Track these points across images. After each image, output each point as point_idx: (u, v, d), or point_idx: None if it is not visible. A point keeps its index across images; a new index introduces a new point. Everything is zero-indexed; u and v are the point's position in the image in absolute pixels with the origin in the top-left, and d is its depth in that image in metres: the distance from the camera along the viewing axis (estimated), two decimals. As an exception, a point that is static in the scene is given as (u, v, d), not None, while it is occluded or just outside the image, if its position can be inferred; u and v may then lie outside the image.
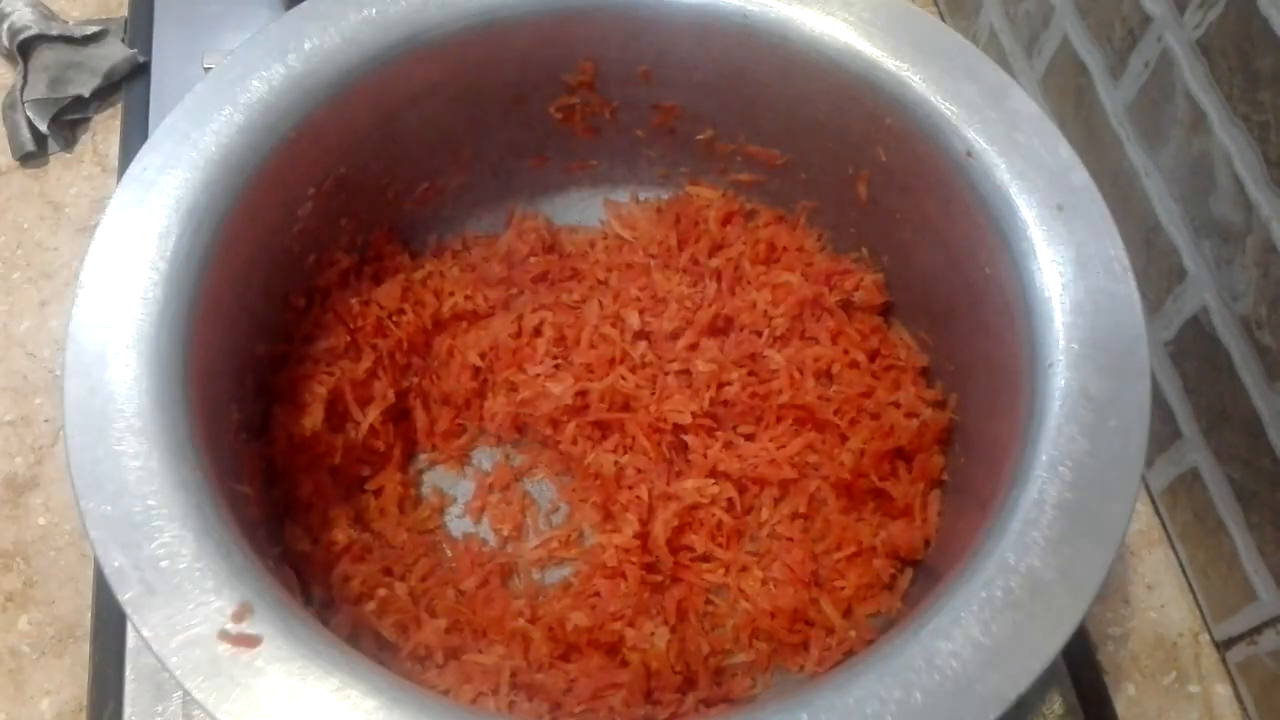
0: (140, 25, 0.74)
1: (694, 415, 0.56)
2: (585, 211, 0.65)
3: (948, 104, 0.50)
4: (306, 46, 0.51)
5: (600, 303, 0.60)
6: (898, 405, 0.56)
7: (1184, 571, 0.58)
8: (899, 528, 0.53)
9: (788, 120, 0.57)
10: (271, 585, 0.40)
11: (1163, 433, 0.58)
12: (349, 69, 0.52)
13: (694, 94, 0.59)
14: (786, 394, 0.56)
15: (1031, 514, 0.41)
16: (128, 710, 0.50)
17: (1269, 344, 0.49)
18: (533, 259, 0.62)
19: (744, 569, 0.54)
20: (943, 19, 0.77)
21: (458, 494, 0.58)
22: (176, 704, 0.50)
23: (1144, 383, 0.43)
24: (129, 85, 0.72)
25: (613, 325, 0.59)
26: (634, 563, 0.53)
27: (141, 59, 0.72)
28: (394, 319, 0.58)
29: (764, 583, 0.54)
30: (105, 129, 0.71)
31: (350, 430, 0.55)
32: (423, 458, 0.59)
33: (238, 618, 0.38)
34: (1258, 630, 0.53)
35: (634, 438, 0.56)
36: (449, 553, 0.56)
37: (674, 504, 0.55)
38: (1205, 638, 0.56)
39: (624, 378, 0.57)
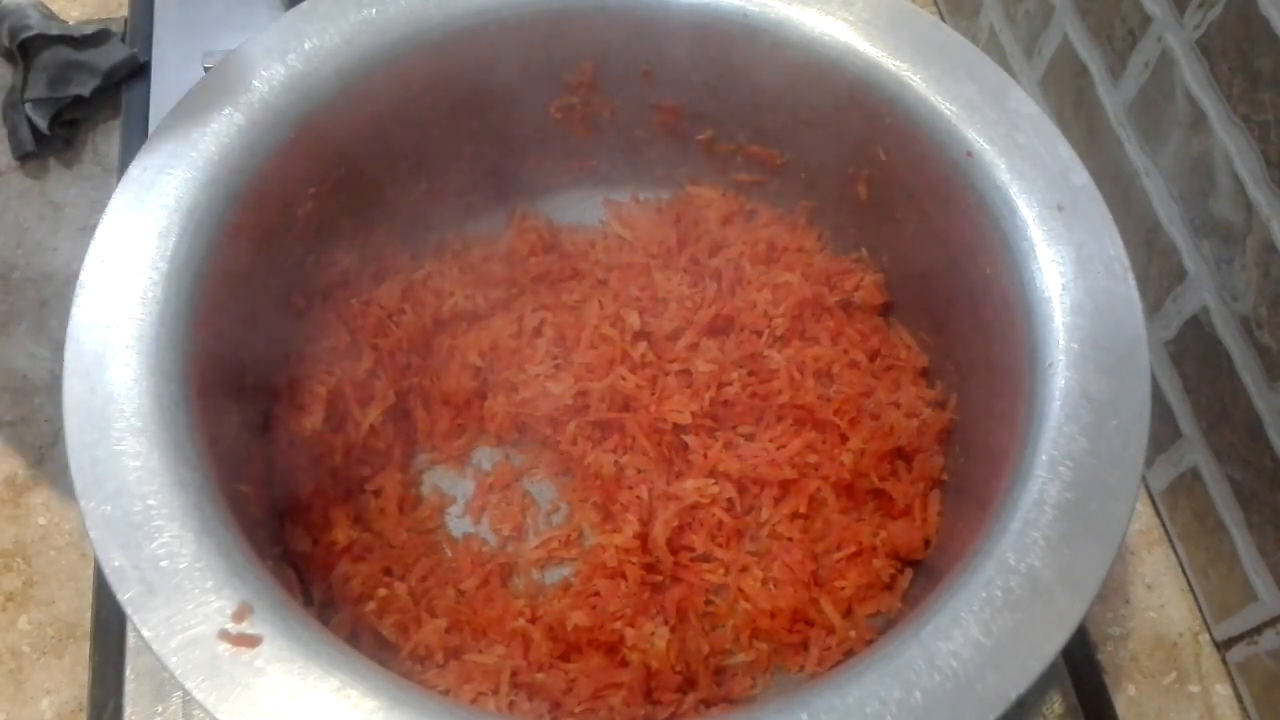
0: (140, 25, 0.74)
1: (694, 415, 0.56)
2: (585, 211, 0.65)
3: (948, 104, 0.50)
4: (306, 46, 0.51)
5: (600, 303, 0.60)
6: (898, 405, 0.55)
7: (1184, 571, 0.58)
8: (899, 528, 0.53)
9: (788, 120, 0.57)
10: (271, 585, 0.40)
11: (1163, 433, 0.58)
12: (349, 69, 0.52)
13: (694, 94, 0.59)
14: (786, 394, 0.56)
15: (1031, 514, 0.41)
16: (128, 710, 0.50)
17: (1269, 344, 0.49)
18: (533, 259, 0.62)
19: (744, 569, 0.54)
20: (943, 19, 0.77)
21: (458, 494, 0.58)
22: (176, 704, 0.50)
23: (1144, 383, 0.43)
24: (129, 85, 0.72)
25: (613, 325, 0.59)
26: (634, 563, 0.53)
27: (141, 59, 0.72)
28: (394, 319, 0.58)
29: (764, 583, 0.54)
30: (105, 129, 0.71)
31: (350, 430, 0.55)
32: (423, 458, 0.59)
33: (238, 618, 0.38)
34: (1258, 630, 0.53)
35: (634, 438, 0.56)
36: (449, 553, 0.56)
37: (674, 504, 0.55)
38: (1205, 638, 0.56)
39: (624, 378, 0.57)
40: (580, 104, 0.60)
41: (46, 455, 0.59)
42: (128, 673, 0.51)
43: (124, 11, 0.75)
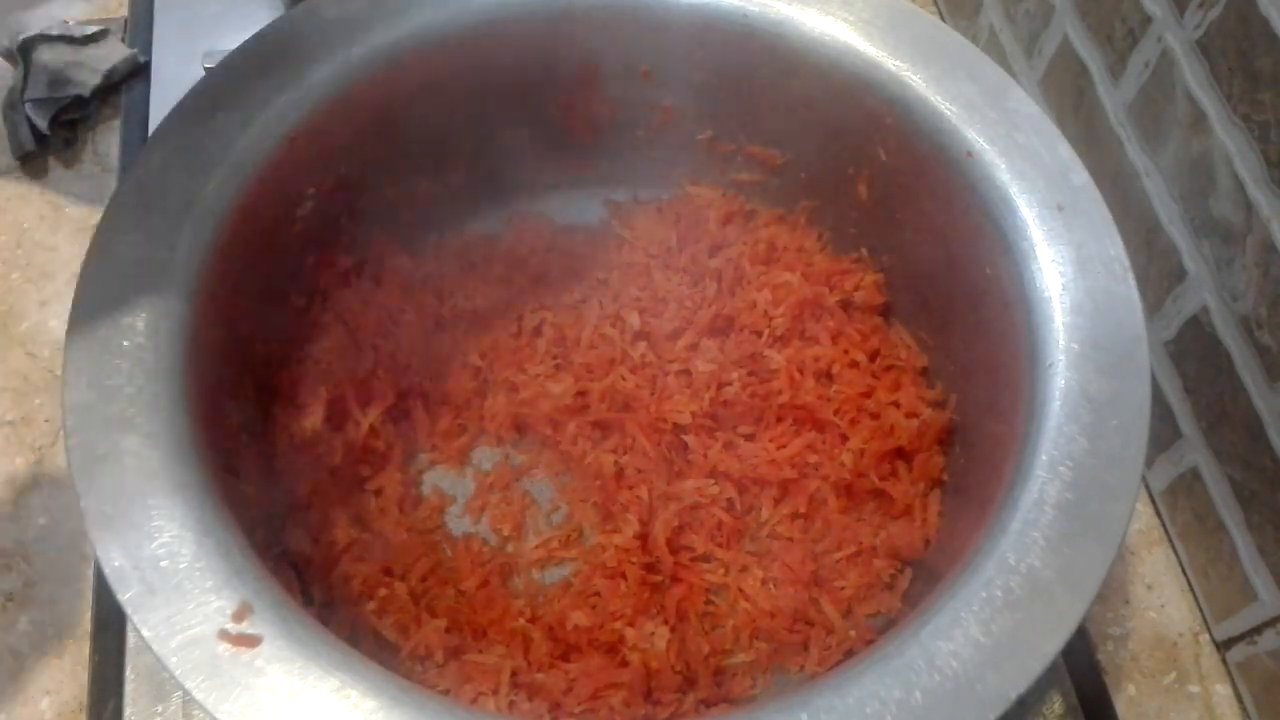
0: (140, 25, 0.74)
1: (694, 415, 0.56)
2: (585, 211, 0.65)
3: (948, 104, 0.50)
4: (306, 46, 0.51)
5: (600, 303, 0.60)
6: (898, 405, 0.56)
7: (1184, 571, 0.58)
8: (899, 528, 0.53)
9: (788, 120, 0.57)
10: (271, 585, 0.40)
11: (1163, 433, 0.58)
12: (349, 69, 0.52)
13: (694, 94, 0.59)
14: (786, 394, 0.56)
15: (1031, 514, 0.41)
16: (128, 710, 0.50)
17: (1269, 344, 0.49)
18: (533, 259, 0.62)
19: (744, 569, 0.54)
20: (943, 19, 0.77)
21: (458, 494, 0.58)
22: (176, 704, 0.50)
23: (1144, 383, 0.43)
24: (129, 85, 0.72)
25: (613, 325, 0.59)
26: (634, 563, 0.53)
27: (141, 59, 0.72)
28: (394, 319, 0.58)
29: (764, 583, 0.54)
30: (105, 129, 0.71)
31: (350, 430, 0.55)
32: (423, 458, 0.59)
33: (238, 618, 0.38)
34: (1258, 630, 0.53)
35: (634, 438, 0.56)
36: (449, 553, 0.56)
37: (674, 504, 0.55)
38: (1205, 638, 0.56)
39: (624, 378, 0.57)
40: (580, 104, 0.60)
41: (46, 455, 0.59)
42: (128, 673, 0.51)
43: (124, 11, 0.75)
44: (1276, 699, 0.52)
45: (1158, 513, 0.60)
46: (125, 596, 0.38)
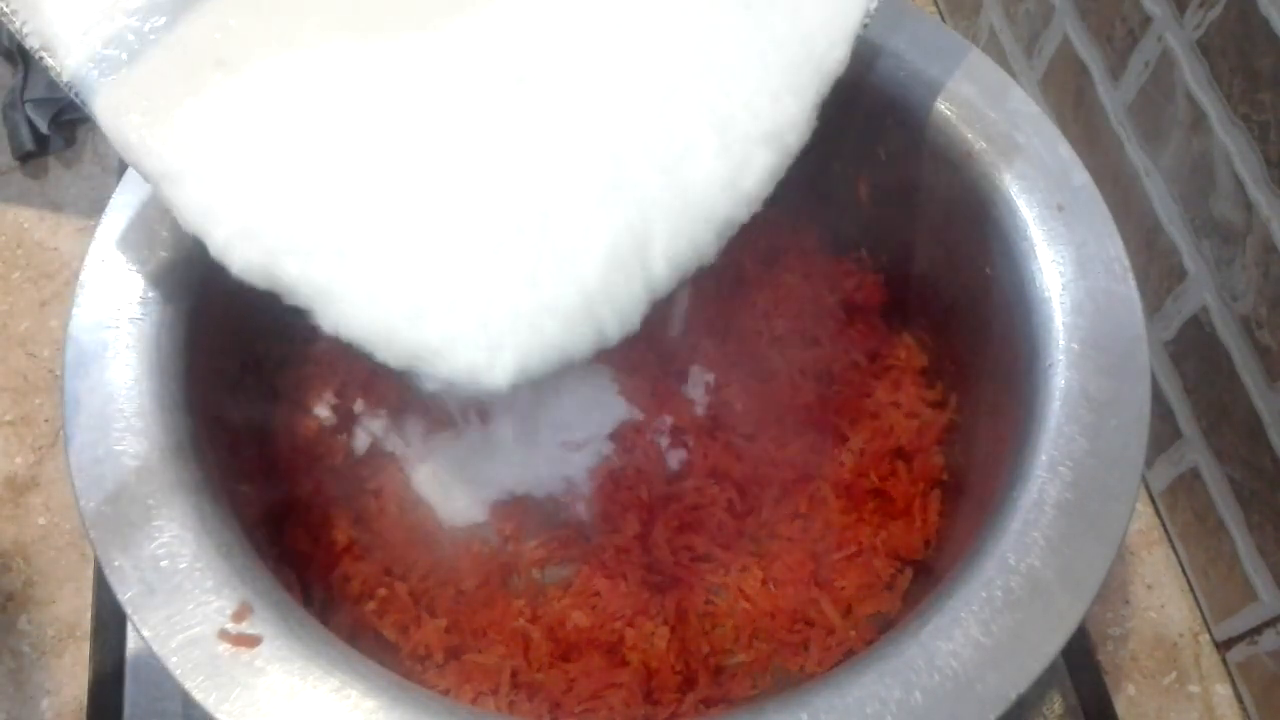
0: (140, 25, 0.74)
1: (694, 415, 0.56)
2: (585, 211, 0.65)
3: (948, 104, 0.50)
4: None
5: (600, 303, 0.60)
6: (898, 405, 0.55)
7: (1184, 571, 0.58)
8: (899, 528, 0.53)
9: (788, 120, 0.57)
10: (271, 585, 0.40)
11: (1163, 433, 0.58)
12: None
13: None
14: (786, 394, 0.56)
15: (1031, 514, 0.41)
16: (128, 710, 0.50)
17: (1269, 344, 0.49)
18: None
19: (744, 569, 0.54)
20: (943, 19, 0.77)
21: (458, 494, 0.58)
22: (177, 704, 0.50)
23: (1144, 383, 0.43)
24: (129, 85, 0.72)
25: (613, 325, 0.59)
26: (634, 563, 0.53)
27: (141, 59, 0.72)
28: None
29: (764, 583, 0.54)
30: (105, 129, 0.71)
31: (351, 430, 0.55)
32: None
33: (238, 618, 0.38)
34: (1258, 630, 0.53)
35: (634, 438, 0.56)
36: (449, 553, 0.56)
37: (674, 504, 0.55)
38: (1205, 638, 0.56)
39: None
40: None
41: (46, 455, 0.59)
42: (128, 673, 0.51)
43: (124, 11, 0.75)
44: (1276, 699, 0.52)
45: (1158, 513, 0.60)
46: (125, 596, 0.38)
